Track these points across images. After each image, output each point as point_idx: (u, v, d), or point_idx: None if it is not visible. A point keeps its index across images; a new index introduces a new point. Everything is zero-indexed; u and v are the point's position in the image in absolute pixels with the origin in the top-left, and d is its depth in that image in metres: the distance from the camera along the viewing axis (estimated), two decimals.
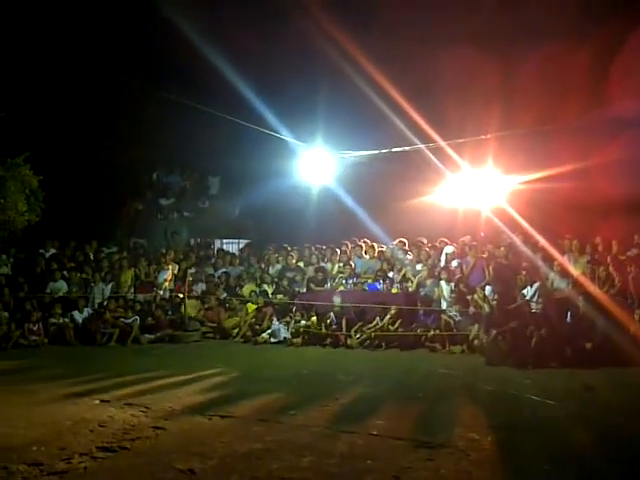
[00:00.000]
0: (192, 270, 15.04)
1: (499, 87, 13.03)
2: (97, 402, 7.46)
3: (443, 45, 13.07)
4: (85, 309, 13.44)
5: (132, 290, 14.42)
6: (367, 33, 13.32)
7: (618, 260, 11.23)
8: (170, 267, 14.75)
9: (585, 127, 12.75)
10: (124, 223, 17.89)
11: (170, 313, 13.82)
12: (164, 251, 15.56)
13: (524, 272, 11.64)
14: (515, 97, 12.92)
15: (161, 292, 14.41)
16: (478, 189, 14.74)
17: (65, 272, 14.37)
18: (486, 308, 11.37)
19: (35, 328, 12.73)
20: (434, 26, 13.34)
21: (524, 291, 11.31)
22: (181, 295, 14.16)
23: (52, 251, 15.10)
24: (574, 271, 11.39)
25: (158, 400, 7.51)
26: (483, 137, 13.83)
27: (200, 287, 14.67)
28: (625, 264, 11.05)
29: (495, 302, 11.36)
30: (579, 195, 12.43)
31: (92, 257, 15.31)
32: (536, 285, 11.31)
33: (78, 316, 13.26)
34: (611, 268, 11.02)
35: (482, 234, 14.04)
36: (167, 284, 14.58)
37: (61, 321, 13.04)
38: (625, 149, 11.98)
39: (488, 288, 11.90)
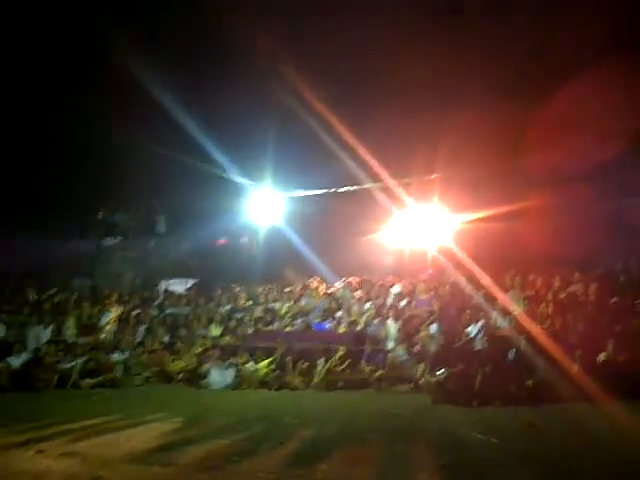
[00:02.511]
0: (136, 312, 14.70)
1: (444, 130, 13.39)
2: (32, 453, 7.13)
3: (391, 88, 13.41)
4: (22, 353, 12.92)
5: (74, 333, 13.94)
6: (316, 74, 13.56)
7: (558, 299, 11.51)
8: (114, 309, 14.42)
9: (517, 174, 13.27)
10: (67, 263, 17.43)
11: (112, 357, 13.42)
12: (108, 292, 15.19)
13: (468, 310, 11.82)
14: (459, 141, 13.30)
15: (104, 335, 13.99)
16: (424, 228, 15.01)
17: (3, 315, 13.87)
18: (432, 346, 11.46)
19: None
20: (382, 67, 13.68)
21: (468, 329, 11.46)
22: (124, 338, 13.76)
23: None
24: (515, 309, 11.62)
25: (97, 448, 7.28)
26: (428, 177, 14.16)
27: (144, 329, 14.32)
28: (565, 302, 11.34)
29: (440, 340, 11.47)
30: (520, 234, 12.81)
31: (32, 299, 14.84)
32: (480, 323, 11.49)
33: (15, 361, 12.73)
34: (551, 307, 11.28)
35: (430, 271, 14.26)
36: (110, 326, 14.18)
37: None
38: (561, 195, 12.49)
39: (434, 326, 12.01)
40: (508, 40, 12.59)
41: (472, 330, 11.40)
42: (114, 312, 14.38)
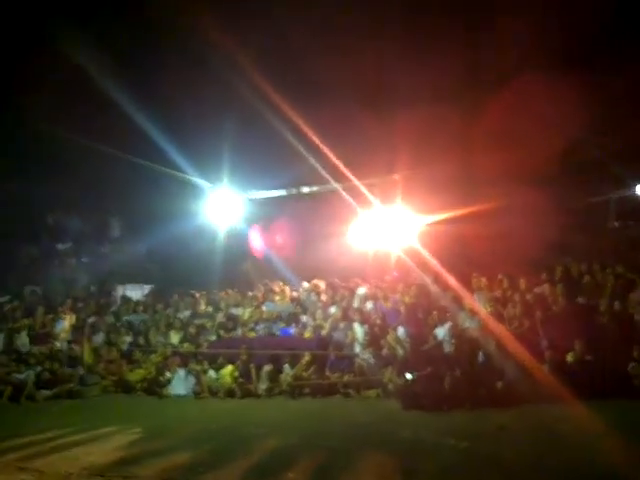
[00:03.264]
0: (92, 319, 14.32)
1: (403, 131, 13.34)
2: None
3: (354, 88, 13.30)
4: None
5: (26, 342, 13.45)
6: (275, 72, 13.35)
7: (525, 300, 11.49)
8: (68, 316, 14.08)
9: (482, 172, 13.31)
10: (17, 269, 16.82)
11: (68, 366, 12.93)
12: (61, 299, 14.71)
13: (435, 312, 11.72)
14: (418, 142, 13.27)
15: (58, 344, 13.58)
16: (389, 229, 14.89)
17: None
18: (399, 350, 11.30)
19: None
20: (341, 70, 13.57)
21: (436, 331, 11.36)
22: (79, 346, 13.30)
23: None
24: (483, 310, 11.56)
25: (54, 463, 7.16)
26: (391, 177, 14.08)
27: (100, 337, 13.90)
28: (532, 303, 11.32)
29: (408, 344, 11.32)
30: (486, 235, 12.81)
31: None
32: (447, 325, 11.39)
33: None
34: (518, 308, 11.25)
35: (395, 274, 14.15)
36: (65, 335, 13.80)
37: None
38: (520, 195, 12.55)
39: (401, 329, 11.85)
40: (465, 38, 12.65)
41: (439, 332, 11.29)
42: (68, 320, 14.04)
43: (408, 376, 10.27)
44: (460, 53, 12.64)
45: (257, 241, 15.57)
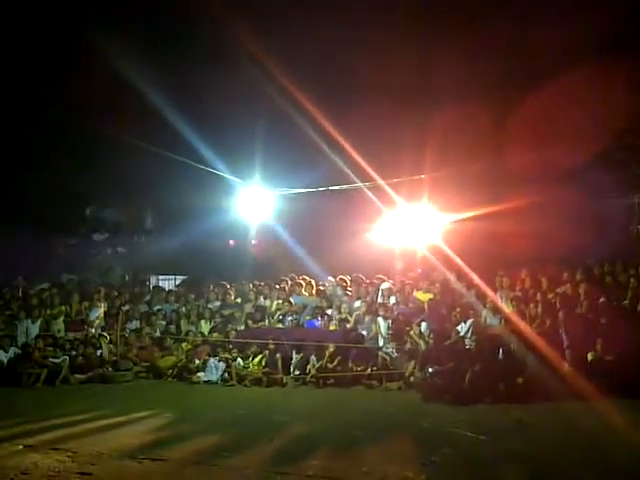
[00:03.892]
0: (126, 307, 14.67)
1: (429, 132, 13.44)
2: (20, 448, 7.17)
3: (376, 90, 13.44)
4: (10, 348, 12.85)
5: (62, 328, 13.85)
6: (306, 72, 13.55)
7: (547, 299, 11.58)
8: (102, 304, 14.36)
9: (502, 173, 13.35)
10: (56, 258, 17.33)
11: (101, 352, 13.36)
12: (97, 287, 15.14)
13: (458, 309, 11.87)
14: (444, 141, 13.35)
15: (92, 330, 13.92)
16: (414, 227, 15.05)
17: None
18: (422, 345, 11.50)
19: None
20: (369, 70, 13.70)
21: (458, 327, 11.51)
22: (113, 333, 13.72)
23: None
24: (505, 308, 11.68)
25: (86, 444, 7.30)
26: (417, 177, 14.19)
27: (134, 325, 14.29)
28: (554, 303, 11.40)
29: (430, 338, 11.51)
30: (509, 234, 12.87)
31: (20, 293, 14.74)
32: (469, 322, 11.54)
33: (3, 356, 12.66)
34: (540, 307, 11.34)
35: (419, 270, 14.30)
36: (99, 322, 14.14)
37: None
38: (545, 194, 12.57)
39: (424, 324, 12.05)
40: (494, 36, 12.65)
41: (462, 328, 11.44)
42: (103, 308, 14.33)
43: (430, 370, 10.48)
44: (490, 49, 12.66)
45: (285, 236, 15.82)
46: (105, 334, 13.65)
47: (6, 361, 12.62)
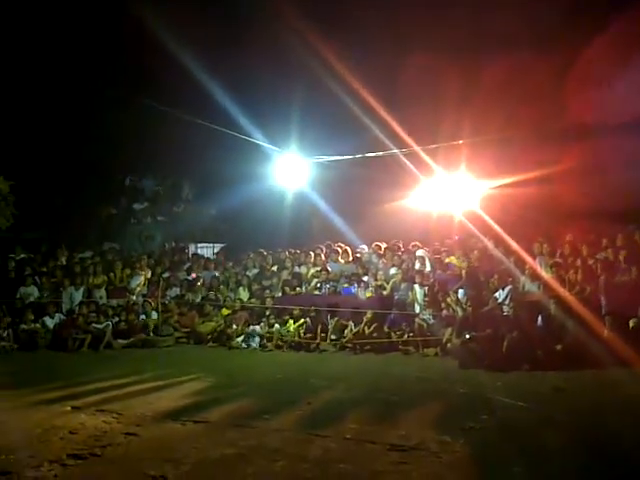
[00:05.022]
0: (166, 275, 14.94)
1: (471, 94, 13.16)
2: (68, 409, 7.39)
3: (417, 52, 13.18)
4: (56, 314, 13.27)
5: (104, 295, 14.20)
6: (342, 38, 13.36)
7: (587, 265, 11.39)
8: (143, 272, 14.64)
9: (552, 134, 12.96)
10: (97, 227, 17.67)
11: (143, 318, 13.68)
12: (137, 256, 15.42)
13: (496, 275, 11.78)
14: (485, 104, 13.06)
15: (134, 297, 14.25)
16: (451, 193, 14.89)
17: (36, 277, 14.18)
18: (459, 311, 11.47)
19: (5, 334, 12.54)
20: (409, 34, 13.44)
21: (496, 294, 11.43)
22: (154, 300, 14.00)
23: (22, 256, 14.90)
24: (545, 274, 11.54)
25: (130, 406, 7.48)
26: (455, 143, 13.96)
27: (174, 292, 14.57)
28: (594, 269, 11.22)
29: (468, 305, 11.47)
30: (549, 199, 12.64)
31: (64, 262, 15.11)
32: (507, 288, 11.44)
33: (49, 322, 13.09)
34: (580, 273, 11.17)
35: (456, 237, 14.19)
36: (140, 289, 14.44)
37: (32, 327, 12.86)
38: (591, 155, 12.20)
39: (461, 291, 12.00)
40: None
41: (500, 295, 11.36)
42: (144, 275, 14.62)
43: (467, 336, 10.46)
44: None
45: (322, 204, 15.81)
46: (149, 300, 13.94)
47: (52, 327, 13.04)
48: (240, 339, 12.74)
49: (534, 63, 12.19)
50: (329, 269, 13.91)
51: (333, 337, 12.32)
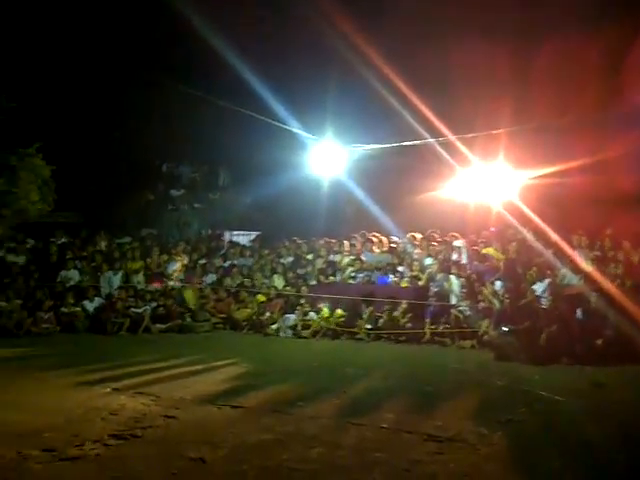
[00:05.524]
0: (202, 261, 15.09)
1: (510, 81, 12.94)
2: (108, 390, 7.51)
3: (455, 39, 12.99)
4: (95, 298, 13.52)
5: (142, 280, 14.42)
6: (378, 26, 13.26)
7: (630, 259, 11.14)
8: (180, 258, 14.81)
9: (596, 121, 12.65)
10: (135, 213, 17.90)
11: (180, 304, 13.84)
12: (175, 242, 15.58)
13: (535, 267, 11.60)
14: (526, 91, 12.83)
15: (171, 282, 14.43)
16: (489, 184, 14.67)
17: (77, 261, 14.44)
18: (496, 303, 11.35)
19: (47, 316, 12.82)
20: (446, 20, 13.25)
21: (534, 287, 11.27)
22: (191, 286, 14.15)
23: (63, 240, 15.19)
24: (586, 267, 11.32)
25: (169, 389, 7.56)
26: (494, 132, 13.75)
27: (210, 278, 14.71)
28: (636, 263, 10.97)
29: (505, 297, 11.33)
30: (590, 190, 12.36)
31: (103, 247, 15.36)
32: (546, 281, 11.28)
33: (89, 305, 13.35)
34: (621, 267, 10.93)
35: (492, 229, 14.01)
36: (177, 274, 14.62)
37: (72, 310, 13.13)
38: (636, 143, 11.89)
39: (498, 283, 11.86)
40: None
41: (538, 287, 11.20)
42: (181, 261, 14.80)
43: (504, 329, 10.35)
44: None
45: (357, 192, 15.75)
46: (188, 286, 14.09)
47: (92, 310, 13.30)
48: (275, 326, 12.82)
49: (580, 48, 11.87)
50: (363, 258, 13.88)
51: (368, 326, 12.31)
